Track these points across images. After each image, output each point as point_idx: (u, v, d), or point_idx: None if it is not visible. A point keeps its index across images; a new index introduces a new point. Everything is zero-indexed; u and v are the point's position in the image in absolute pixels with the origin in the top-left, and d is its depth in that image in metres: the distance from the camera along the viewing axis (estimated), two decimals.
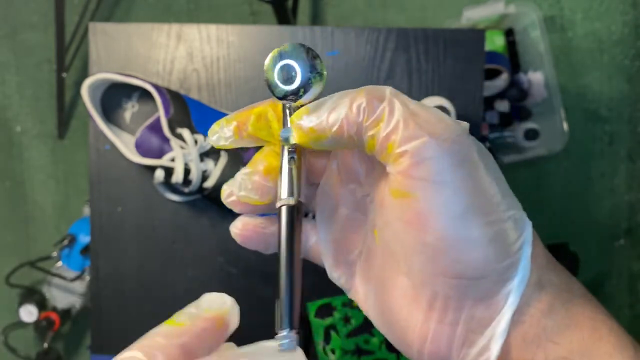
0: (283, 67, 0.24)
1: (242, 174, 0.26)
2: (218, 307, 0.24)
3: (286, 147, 0.25)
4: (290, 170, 0.25)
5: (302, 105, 0.24)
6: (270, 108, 0.26)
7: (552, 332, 0.22)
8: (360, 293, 0.27)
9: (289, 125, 0.24)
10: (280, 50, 0.24)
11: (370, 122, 0.22)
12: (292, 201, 0.24)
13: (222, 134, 0.26)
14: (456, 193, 0.21)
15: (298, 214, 0.24)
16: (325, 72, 0.25)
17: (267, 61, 0.25)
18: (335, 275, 0.28)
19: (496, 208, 0.21)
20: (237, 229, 0.28)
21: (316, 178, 0.28)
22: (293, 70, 0.25)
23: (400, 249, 0.23)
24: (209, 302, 0.24)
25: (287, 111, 0.25)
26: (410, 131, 0.21)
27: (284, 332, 0.22)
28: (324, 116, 0.23)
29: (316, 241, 0.28)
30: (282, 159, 0.25)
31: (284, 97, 0.25)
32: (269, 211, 0.27)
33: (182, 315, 0.23)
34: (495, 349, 0.22)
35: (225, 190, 0.27)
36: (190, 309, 0.23)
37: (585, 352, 0.21)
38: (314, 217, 0.29)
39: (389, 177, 0.22)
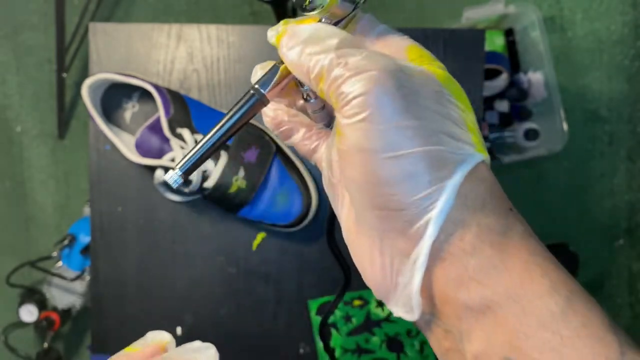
0: None
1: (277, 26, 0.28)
2: (159, 339, 0.30)
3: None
4: (275, 67, 0.26)
5: (322, 15, 0.26)
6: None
7: (476, 271, 0.22)
8: (344, 213, 0.28)
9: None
10: None
11: (312, 81, 0.24)
12: (256, 92, 0.26)
13: (276, 29, 0.28)
14: (380, 132, 0.22)
15: (255, 102, 0.26)
16: None
17: None
18: (327, 187, 0.29)
19: (429, 142, 0.22)
20: (268, 116, 0.30)
21: None
22: None
23: (344, 178, 0.25)
24: (152, 336, 0.30)
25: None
26: (338, 80, 0.22)
27: (176, 171, 0.25)
28: (284, 52, 0.25)
29: (321, 152, 0.30)
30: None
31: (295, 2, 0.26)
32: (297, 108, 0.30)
33: (136, 344, 0.30)
34: (416, 279, 0.23)
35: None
36: (141, 341, 0.30)
37: (513, 294, 0.21)
38: (329, 127, 0.30)
39: None
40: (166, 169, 0.58)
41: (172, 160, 0.58)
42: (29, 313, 1.16)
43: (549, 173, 1.22)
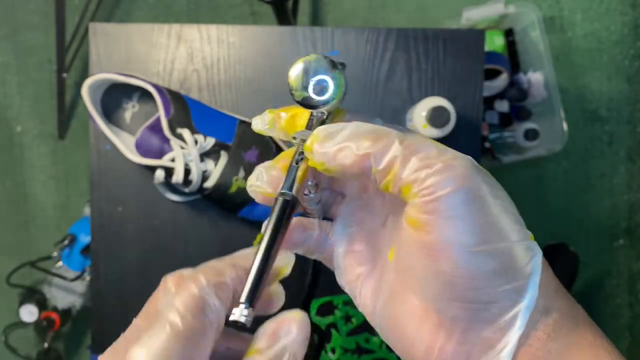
0: (305, 74, 0.26)
1: (262, 166, 0.28)
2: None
3: (299, 145, 0.26)
4: (295, 168, 0.26)
5: (322, 112, 0.26)
6: (305, 111, 0.28)
7: (557, 354, 0.23)
8: (368, 303, 0.28)
9: (306, 129, 0.27)
10: (305, 60, 0.26)
11: (380, 172, 0.24)
12: (287, 196, 0.25)
13: (262, 119, 0.28)
14: (467, 227, 0.22)
15: (291, 209, 0.25)
16: (342, 82, 0.26)
17: (291, 68, 0.26)
18: (344, 282, 0.29)
19: (506, 238, 0.23)
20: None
21: (340, 187, 0.30)
22: (317, 80, 0.26)
23: (414, 271, 0.25)
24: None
25: (313, 119, 0.27)
26: (422, 173, 0.23)
27: (241, 307, 0.23)
28: (331, 154, 0.24)
29: (330, 245, 0.30)
30: (294, 155, 0.27)
31: (302, 101, 0.26)
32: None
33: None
34: None
35: (250, 179, 0.29)
36: None
37: None
38: (321, 218, 0.30)
39: (406, 205, 0.24)
40: (166, 169, 0.58)
41: (172, 160, 0.58)
42: (29, 313, 1.16)
43: (549, 173, 1.22)
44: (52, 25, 1.18)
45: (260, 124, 0.29)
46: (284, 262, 0.29)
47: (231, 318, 0.23)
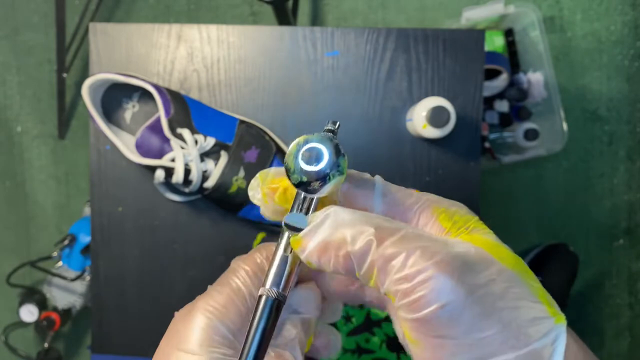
0: (305, 154, 0.23)
1: (257, 187, 0.27)
2: None
3: (287, 233, 0.24)
4: (284, 257, 0.24)
5: (316, 195, 0.24)
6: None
7: None
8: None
9: (295, 211, 0.24)
10: (307, 138, 0.24)
11: (362, 276, 0.22)
12: (273, 293, 0.23)
13: (255, 194, 0.27)
14: (462, 347, 0.20)
15: (277, 308, 0.23)
16: (345, 171, 0.24)
17: (291, 145, 0.24)
18: None
19: (514, 346, 0.21)
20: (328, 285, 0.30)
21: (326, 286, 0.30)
22: (315, 161, 0.23)
23: None
24: None
25: (301, 197, 0.24)
26: (401, 287, 0.21)
27: None
28: (314, 257, 0.23)
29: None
30: (279, 242, 0.24)
31: (299, 184, 0.24)
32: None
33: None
34: None
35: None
36: None
37: None
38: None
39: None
40: (166, 169, 0.58)
41: (173, 160, 0.58)
42: (29, 313, 1.16)
43: (549, 173, 1.22)
44: (52, 25, 1.18)
45: (255, 199, 0.27)
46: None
47: None
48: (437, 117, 0.57)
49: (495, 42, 1.14)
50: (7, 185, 1.35)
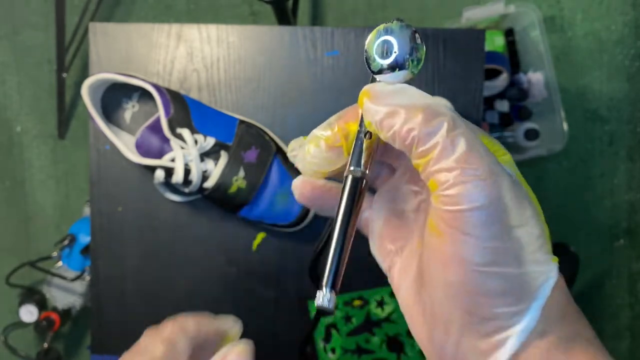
0: (383, 43, 0.25)
1: (298, 146, 0.28)
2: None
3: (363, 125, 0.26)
4: (362, 142, 0.25)
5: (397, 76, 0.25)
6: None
7: None
8: (395, 282, 0.29)
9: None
10: (386, 27, 0.25)
11: (418, 152, 0.23)
12: (358, 173, 0.25)
13: (296, 151, 0.28)
14: (481, 248, 0.22)
15: (362, 186, 0.25)
16: (423, 57, 0.25)
17: (370, 35, 0.25)
18: (376, 253, 0.30)
19: (520, 264, 0.23)
20: (297, 187, 0.30)
21: (391, 159, 0.30)
22: (392, 48, 0.25)
23: (428, 270, 0.25)
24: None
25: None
26: (451, 176, 0.22)
27: (325, 291, 0.23)
28: (380, 117, 0.24)
29: (368, 216, 0.30)
30: (359, 129, 0.26)
31: (378, 72, 0.25)
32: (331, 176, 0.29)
33: None
34: None
35: (291, 145, 0.29)
36: None
37: None
38: (374, 191, 0.30)
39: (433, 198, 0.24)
40: (166, 169, 0.58)
41: (172, 160, 0.58)
42: (29, 313, 1.16)
43: (549, 173, 1.22)
44: (52, 25, 1.18)
45: (297, 155, 0.28)
46: (231, 328, 0.38)
47: (316, 303, 0.23)
48: None
49: (495, 42, 1.14)
50: (6, 185, 1.34)
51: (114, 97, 0.63)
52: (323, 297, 0.23)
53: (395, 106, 0.24)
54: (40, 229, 1.34)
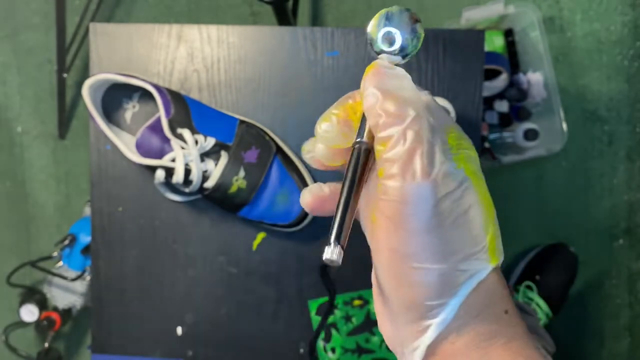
0: (386, 34, 0.28)
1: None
2: None
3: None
4: (364, 118, 0.28)
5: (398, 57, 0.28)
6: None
7: None
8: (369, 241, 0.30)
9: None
10: (387, 11, 0.28)
11: (377, 137, 0.25)
12: (364, 145, 0.27)
13: (324, 123, 0.30)
14: (408, 241, 0.24)
15: (369, 155, 0.27)
16: (422, 35, 0.28)
17: (372, 20, 0.28)
18: (361, 218, 0.31)
19: (443, 260, 0.24)
20: (306, 199, 0.32)
21: None
22: (394, 38, 0.28)
23: (373, 253, 0.27)
24: None
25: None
26: (395, 171, 0.24)
27: (332, 245, 0.25)
28: (366, 91, 0.27)
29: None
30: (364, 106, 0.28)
31: (380, 52, 0.28)
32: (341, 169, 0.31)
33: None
34: None
35: (305, 147, 0.32)
36: None
37: None
38: None
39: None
40: (167, 169, 0.58)
41: (173, 160, 0.58)
42: (29, 313, 1.16)
43: (549, 173, 1.22)
44: (53, 26, 1.18)
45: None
46: None
47: (324, 256, 0.25)
48: None
49: (495, 42, 1.14)
50: (7, 185, 1.35)
51: (115, 97, 0.63)
52: (332, 252, 0.25)
53: (380, 89, 0.26)
54: (41, 229, 1.34)
